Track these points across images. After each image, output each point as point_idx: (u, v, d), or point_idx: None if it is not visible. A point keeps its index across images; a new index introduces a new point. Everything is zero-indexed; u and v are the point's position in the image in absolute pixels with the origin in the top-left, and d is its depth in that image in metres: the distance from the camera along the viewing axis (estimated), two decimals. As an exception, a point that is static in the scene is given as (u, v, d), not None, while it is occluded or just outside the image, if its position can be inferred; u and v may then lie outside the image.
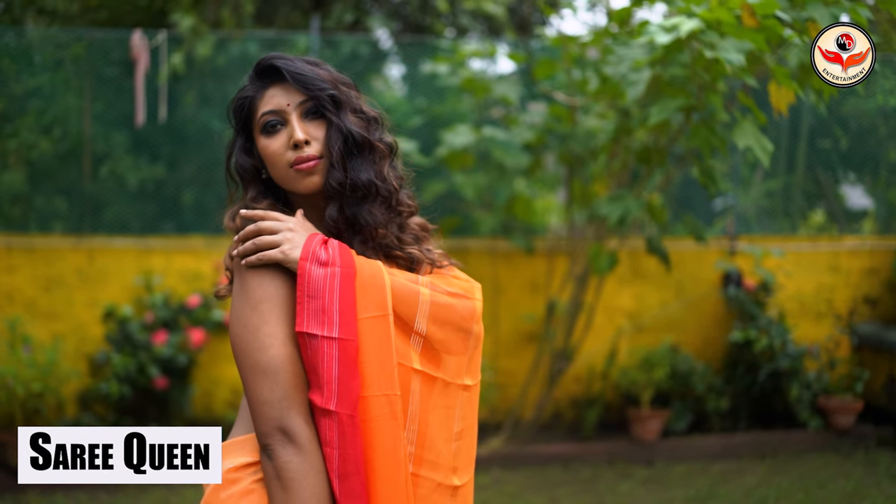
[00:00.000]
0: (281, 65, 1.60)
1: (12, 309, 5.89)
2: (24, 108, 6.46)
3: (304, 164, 1.59)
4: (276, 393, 1.50)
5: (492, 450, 5.79)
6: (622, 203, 4.24)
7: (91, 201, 6.49)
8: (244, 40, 6.39)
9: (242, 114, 1.66)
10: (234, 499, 1.58)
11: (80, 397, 5.85)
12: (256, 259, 1.52)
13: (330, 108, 1.60)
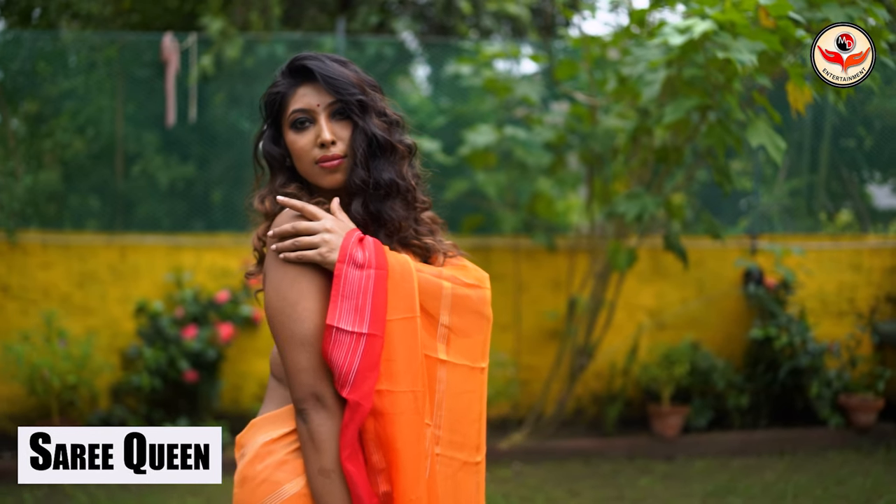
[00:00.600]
0: (313, 66, 1.70)
1: (48, 304, 6.07)
2: (58, 109, 6.64)
3: (329, 162, 1.71)
4: (311, 362, 1.61)
5: (514, 444, 5.88)
6: (639, 201, 4.32)
7: (123, 200, 6.66)
8: (272, 42, 6.52)
9: (274, 107, 1.76)
10: (269, 469, 1.68)
11: (112, 390, 6.02)
12: (295, 257, 1.63)
13: (356, 111, 1.70)
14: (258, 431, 1.74)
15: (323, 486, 1.59)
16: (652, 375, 6.00)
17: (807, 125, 6.96)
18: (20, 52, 6.74)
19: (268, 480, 1.66)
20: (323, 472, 1.60)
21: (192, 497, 5.17)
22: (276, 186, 1.77)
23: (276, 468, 1.67)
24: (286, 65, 1.76)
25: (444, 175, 6.30)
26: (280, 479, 1.66)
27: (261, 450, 1.70)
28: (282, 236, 1.65)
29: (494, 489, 5.31)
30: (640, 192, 4.38)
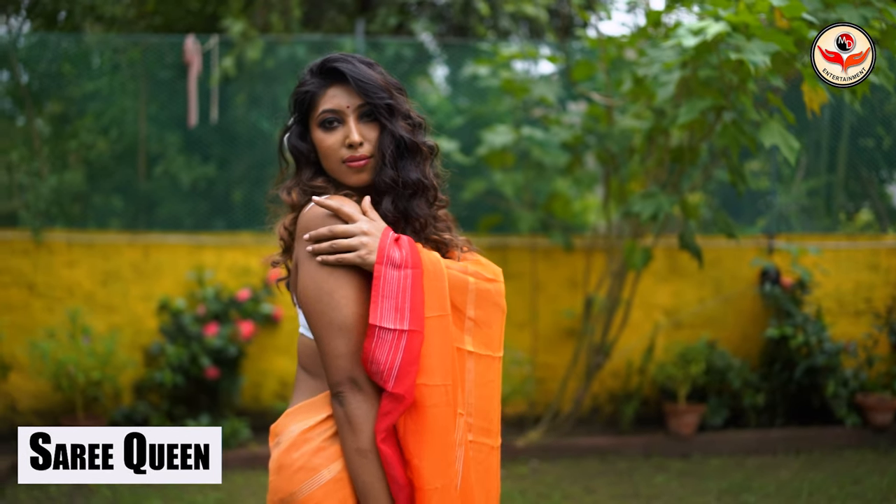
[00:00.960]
0: (345, 69, 1.77)
1: (73, 301, 6.18)
2: (83, 110, 6.76)
3: (356, 162, 1.78)
4: (349, 347, 1.69)
5: (530, 441, 5.94)
6: (654, 200, 4.37)
7: (146, 199, 6.77)
8: (292, 44, 6.61)
9: (303, 105, 1.82)
10: (306, 456, 1.74)
11: (135, 386, 6.12)
12: (335, 260, 1.69)
13: (385, 115, 1.78)
14: (292, 420, 1.80)
15: (360, 465, 1.68)
16: (668, 374, 6.04)
17: (825, 125, 6.97)
18: (45, 55, 6.86)
19: (304, 467, 1.73)
20: (360, 452, 1.68)
21: (213, 491, 5.26)
22: (304, 180, 1.85)
23: (313, 455, 1.74)
24: (316, 65, 1.83)
25: (463, 175, 6.37)
26: (317, 465, 1.73)
27: (297, 438, 1.76)
28: (318, 238, 1.71)
29: (511, 486, 5.37)
30: (655, 191, 4.43)
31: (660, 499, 5.10)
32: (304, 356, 1.85)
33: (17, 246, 6.22)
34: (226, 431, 5.75)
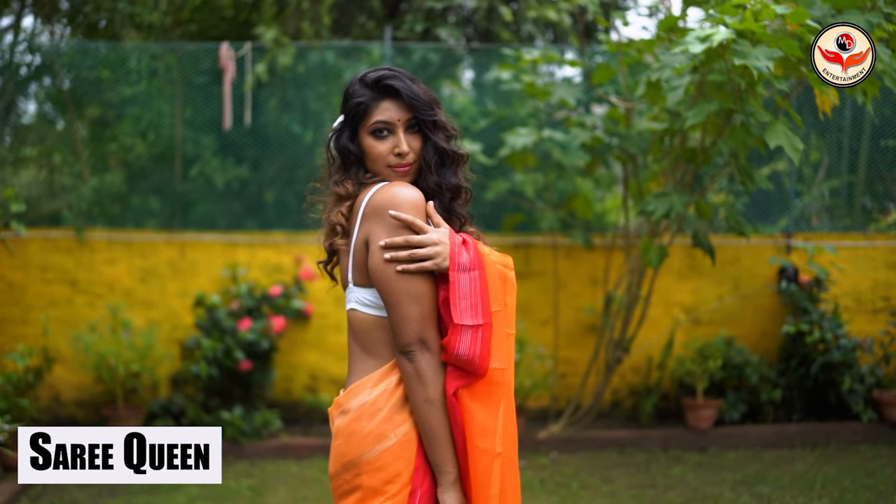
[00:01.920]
0: (399, 87, 2.02)
1: (113, 297, 6.46)
2: (121, 114, 7.04)
3: (402, 168, 2.06)
4: (420, 312, 1.96)
5: (551, 434, 6.12)
6: (667, 200, 4.54)
7: (182, 200, 7.03)
8: (322, 49, 6.85)
9: (357, 115, 2.07)
10: (376, 424, 2.00)
11: (172, 379, 6.38)
12: (416, 268, 1.95)
13: (430, 129, 2.06)
14: (358, 393, 2.05)
15: (429, 412, 1.96)
16: (686, 369, 6.19)
17: (847, 125, 7.09)
18: (86, 61, 7.16)
19: (374, 433, 1.99)
20: (429, 402, 1.95)
21: (246, 479, 5.51)
22: (355, 174, 2.11)
23: (383, 423, 1.99)
24: (371, 79, 2.06)
25: (487, 175, 6.57)
26: (386, 430, 1.99)
27: (367, 408, 2.01)
28: (394, 246, 1.96)
29: (532, 475, 5.56)
30: (668, 191, 4.60)
31: (675, 489, 5.27)
32: (361, 332, 2.08)
33: (60, 244, 6.51)
34: (258, 422, 6.00)
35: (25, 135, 8.00)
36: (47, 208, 6.85)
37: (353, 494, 2.00)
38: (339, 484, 2.04)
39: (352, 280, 2.08)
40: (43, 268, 6.46)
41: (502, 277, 2.08)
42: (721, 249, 6.67)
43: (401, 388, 2.01)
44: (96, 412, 6.34)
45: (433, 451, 1.97)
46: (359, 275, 2.05)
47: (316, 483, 5.42)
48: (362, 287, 2.05)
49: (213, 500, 5.13)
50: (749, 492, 5.19)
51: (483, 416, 1.97)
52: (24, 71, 7.68)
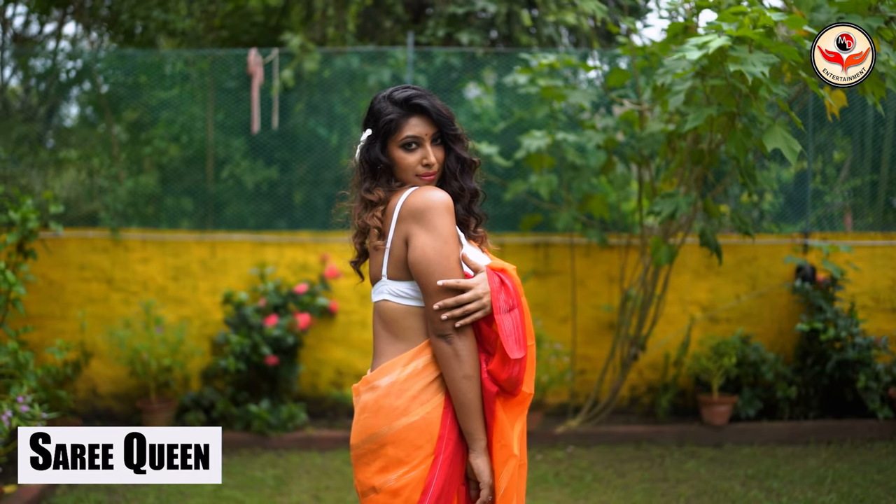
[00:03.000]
0: (427, 105, 2.29)
1: (147, 295, 6.73)
2: (156, 118, 7.31)
3: (428, 177, 2.33)
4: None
5: (568, 429, 6.27)
6: (673, 200, 4.66)
7: (214, 201, 7.29)
8: (347, 55, 7.06)
9: (388, 129, 2.30)
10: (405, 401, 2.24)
11: (203, 373, 6.63)
12: (471, 321, 2.21)
13: (452, 141, 2.35)
14: (388, 373, 2.28)
15: (467, 387, 2.20)
16: (702, 366, 6.30)
17: (869, 125, 7.14)
18: (123, 67, 7.45)
19: (400, 408, 2.22)
20: (466, 378, 2.20)
21: (272, 468, 5.73)
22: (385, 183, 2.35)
23: (410, 400, 2.23)
24: (400, 98, 2.30)
25: (509, 177, 6.74)
26: (412, 407, 2.22)
27: (396, 386, 2.24)
28: (446, 307, 2.20)
29: (547, 469, 5.72)
30: (674, 192, 4.73)
31: (686, 483, 5.39)
32: (392, 321, 2.32)
33: (97, 244, 6.79)
34: (284, 415, 6.22)
35: (67, 138, 8.34)
36: (85, 209, 7.14)
37: (376, 462, 2.24)
38: (362, 453, 2.27)
39: (386, 274, 2.31)
40: (81, 266, 6.75)
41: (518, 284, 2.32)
42: (739, 249, 6.78)
43: (427, 370, 2.25)
44: (131, 405, 6.61)
45: (467, 420, 2.22)
46: (394, 269, 2.30)
47: (338, 474, 5.62)
48: (397, 280, 2.30)
49: (238, 488, 5.36)
50: (759, 486, 5.29)
51: (506, 422, 2.23)
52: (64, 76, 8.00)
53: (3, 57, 9.49)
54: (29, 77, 9.00)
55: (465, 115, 7.00)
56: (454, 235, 2.24)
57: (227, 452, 6.11)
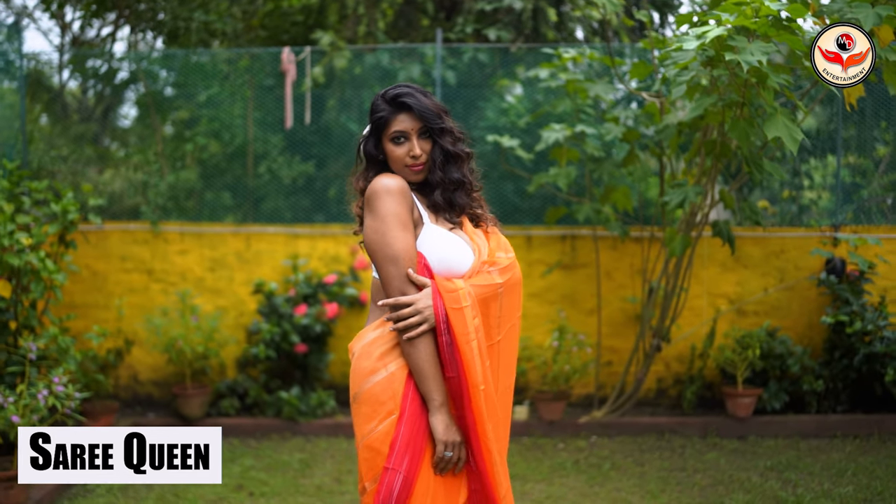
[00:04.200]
0: (411, 103, 2.48)
1: (184, 285, 6.98)
2: (198, 115, 7.57)
3: (416, 167, 2.52)
4: (399, 271, 2.39)
5: (593, 419, 6.34)
6: (682, 191, 4.71)
7: (252, 195, 7.51)
8: (377, 52, 7.22)
9: (379, 125, 2.53)
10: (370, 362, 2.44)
11: (238, 361, 6.86)
12: (416, 334, 2.36)
13: (437, 134, 2.52)
14: (361, 339, 2.51)
15: (413, 353, 2.38)
16: (727, 358, 6.31)
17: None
18: (168, 67, 7.73)
19: (368, 368, 2.43)
20: (412, 345, 2.37)
21: (299, 453, 5.92)
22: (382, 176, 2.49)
23: (376, 360, 2.43)
24: (389, 95, 2.51)
25: (536, 170, 6.82)
26: (377, 367, 2.42)
27: (365, 349, 2.47)
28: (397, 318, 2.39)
29: (567, 457, 5.80)
30: (683, 182, 4.77)
31: (704, 472, 5.42)
32: (374, 294, 2.56)
33: (138, 236, 7.07)
34: (313, 402, 6.41)
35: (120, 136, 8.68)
36: (129, 203, 7.43)
37: (357, 420, 2.46)
38: (353, 413, 2.49)
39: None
40: (123, 257, 7.03)
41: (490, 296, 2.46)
42: (767, 241, 6.76)
43: (392, 334, 2.42)
44: (169, 391, 6.87)
45: (420, 383, 2.38)
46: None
47: (362, 458, 5.78)
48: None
49: (265, 470, 5.55)
50: (778, 477, 5.30)
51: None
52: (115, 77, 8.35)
53: (62, 59, 9.89)
54: (86, 78, 9.39)
55: (493, 109, 7.10)
56: (393, 216, 2.39)
57: (257, 437, 6.32)
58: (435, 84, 7.05)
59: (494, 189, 7.10)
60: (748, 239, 6.76)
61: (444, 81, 7.10)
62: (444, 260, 2.45)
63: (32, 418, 4.71)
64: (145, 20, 9.06)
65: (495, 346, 2.50)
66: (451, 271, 2.46)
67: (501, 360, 2.55)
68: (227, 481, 5.32)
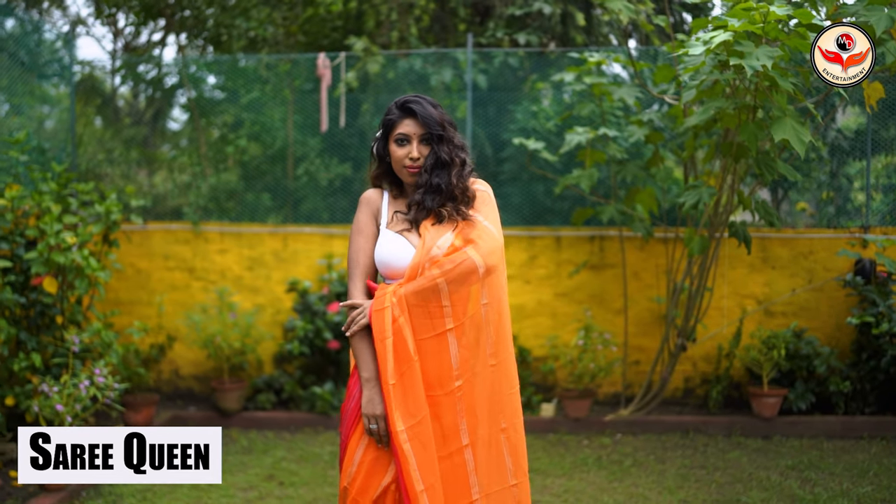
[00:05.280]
0: (417, 109, 2.72)
1: (224, 283, 7.24)
2: (239, 119, 7.83)
3: (413, 168, 2.74)
4: (350, 274, 2.77)
5: (619, 417, 6.43)
6: (696, 192, 4.79)
7: (292, 196, 7.75)
8: (410, 57, 7.41)
9: (387, 127, 2.77)
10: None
11: (275, 357, 7.09)
12: (351, 332, 2.70)
13: (435, 141, 2.74)
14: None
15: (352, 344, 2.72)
16: (752, 358, 6.35)
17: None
18: (211, 72, 8.01)
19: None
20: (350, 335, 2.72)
21: (330, 445, 6.12)
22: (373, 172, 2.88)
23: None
24: (400, 102, 2.77)
25: (565, 172, 6.94)
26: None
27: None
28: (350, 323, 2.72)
29: (590, 454, 5.91)
30: (698, 184, 4.85)
31: (724, 470, 5.49)
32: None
33: (180, 236, 7.35)
34: (343, 396, 6.60)
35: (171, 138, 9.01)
36: (172, 204, 7.73)
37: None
38: None
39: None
40: (165, 256, 7.32)
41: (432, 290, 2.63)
42: (795, 243, 6.79)
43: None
44: (209, 385, 7.13)
45: (357, 365, 2.70)
46: None
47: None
48: None
49: (296, 461, 5.77)
50: (798, 476, 5.34)
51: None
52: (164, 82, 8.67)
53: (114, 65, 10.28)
54: (137, 83, 9.75)
55: (523, 112, 7.24)
56: (357, 224, 2.79)
57: (291, 430, 6.55)
58: (466, 88, 7.22)
59: (525, 191, 7.24)
60: (776, 240, 6.80)
61: (475, 85, 7.25)
62: (383, 261, 2.72)
63: (75, 407, 4.98)
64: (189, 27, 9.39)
65: (451, 331, 2.65)
66: (391, 270, 2.70)
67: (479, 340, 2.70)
68: (259, 471, 5.55)
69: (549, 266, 7.08)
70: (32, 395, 5.21)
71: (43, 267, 5.37)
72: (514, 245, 7.05)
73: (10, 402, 5.24)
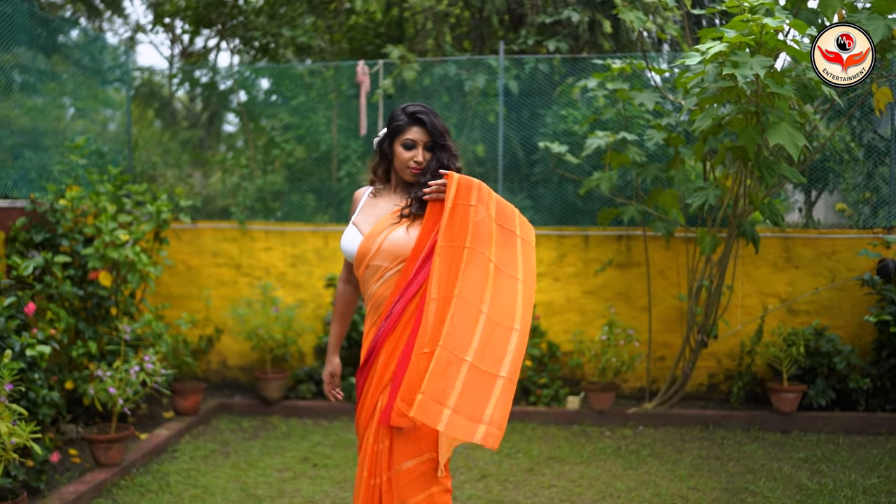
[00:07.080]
0: (425, 119, 3.00)
1: (268, 279, 7.65)
2: (287, 124, 8.24)
3: (416, 170, 3.02)
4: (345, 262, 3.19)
5: (642, 410, 6.67)
6: (703, 193, 5.02)
7: (335, 197, 8.13)
8: (444, 64, 7.73)
9: (395, 130, 3.05)
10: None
11: (315, 349, 7.48)
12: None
13: (438, 148, 3.02)
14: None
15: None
16: (772, 355, 6.54)
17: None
18: (259, 78, 8.44)
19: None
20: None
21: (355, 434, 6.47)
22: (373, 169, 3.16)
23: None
24: (409, 111, 3.03)
25: (589, 173, 7.19)
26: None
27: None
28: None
29: (610, 444, 6.17)
30: (705, 185, 5.08)
31: (738, 461, 5.70)
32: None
33: (228, 234, 7.79)
34: (379, 387, 6.96)
35: (226, 140, 9.48)
36: (221, 204, 8.17)
37: None
38: None
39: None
40: (214, 253, 7.76)
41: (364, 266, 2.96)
42: (818, 242, 6.94)
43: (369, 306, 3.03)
44: (253, 375, 7.55)
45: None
46: None
47: (419, 439, 6.29)
48: None
49: (330, 446, 6.14)
50: (810, 468, 5.52)
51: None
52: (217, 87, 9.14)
53: (171, 70, 10.82)
54: (193, 88, 10.27)
55: (552, 116, 7.51)
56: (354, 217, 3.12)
57: (329, 418, 6.92)
58: (499, 93, 7.51)
59: (556, 192, 7.51)
60: (799, 240, 6.96)
61: (507, 91, 7.55)
62: (342, 249, 3.05)
63: (126, 391, 5.42)
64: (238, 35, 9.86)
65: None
66: (349, 254, 3.02)
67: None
68: (295, 454, 5.93)
69: (578, 264, 7.34)
70: (89, 380, 5.66)
71: (99, 262, 5.82)
72: (544, 244, 7.32)
73: (69, 385, 5.71)
